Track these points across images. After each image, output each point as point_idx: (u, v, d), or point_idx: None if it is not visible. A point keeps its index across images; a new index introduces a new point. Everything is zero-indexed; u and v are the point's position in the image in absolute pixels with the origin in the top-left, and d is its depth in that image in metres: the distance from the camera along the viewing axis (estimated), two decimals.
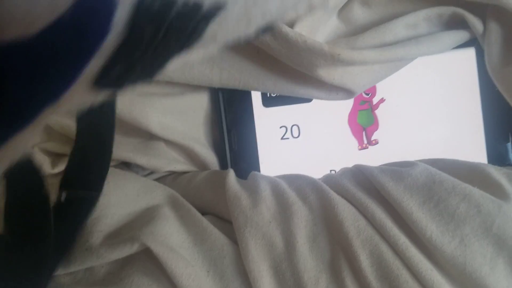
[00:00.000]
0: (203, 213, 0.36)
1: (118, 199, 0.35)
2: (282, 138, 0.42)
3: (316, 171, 0.39)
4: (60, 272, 0.32)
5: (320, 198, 0.34)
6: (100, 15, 0.18)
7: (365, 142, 0.41)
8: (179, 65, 0.24)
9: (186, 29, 0.22)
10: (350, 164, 0.39)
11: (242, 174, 0.39)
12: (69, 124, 0.38)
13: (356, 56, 0.36)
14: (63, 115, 0.39)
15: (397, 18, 0.39)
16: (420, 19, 0.38)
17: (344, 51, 0.36)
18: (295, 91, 0.39)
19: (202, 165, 0.42)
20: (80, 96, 0.21)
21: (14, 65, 0.17)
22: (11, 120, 0.19)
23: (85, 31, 0.18)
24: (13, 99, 0.18)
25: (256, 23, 0.25)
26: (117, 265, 0.33)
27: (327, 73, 0.37)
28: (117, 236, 0.33)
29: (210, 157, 0.41)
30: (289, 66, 0.37)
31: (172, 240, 0.33)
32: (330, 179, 0.36)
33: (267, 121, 0.42)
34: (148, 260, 0.33)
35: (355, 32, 0.41)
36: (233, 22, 0.24)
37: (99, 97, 0.22)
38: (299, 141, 0.42)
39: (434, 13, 0.38)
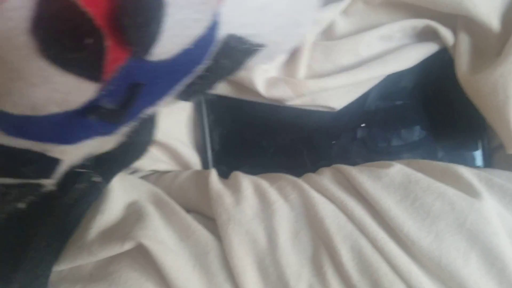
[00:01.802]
0: (187, 211, 0.37)
1: (108, 196, 0.35)
2: None
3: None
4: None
5: (301, 197, 0.35)
6: (204, 48, 0.26)
7: None
8: None
9: (242, 60, 0.31)
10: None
11: (223, 175, 0.39)
12: None
13: (321, 85, 0.39)
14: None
15: (372, 30, 0.40)
16: (394, 30, 0.40)
17: (309, 86, 0.39)
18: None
19: (185, 165, 0.42)
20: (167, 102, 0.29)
21: (149, 77, 0.24)
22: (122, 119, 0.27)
23: (194, 58, 0.26)
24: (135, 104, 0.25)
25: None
26: (105, 259, 0.33)
27: (300, 102, 0.40)
28: (109, 233, 0.34)
29: (192, 157, 0.42)
30: None
31: (160, 235, 0.34)
32: (310, 179, 0.37)
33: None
34: (137, 255, 0.33)
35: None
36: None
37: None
38: None
39: (408, 25, 0.40)
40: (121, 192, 0.37)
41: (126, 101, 0.25)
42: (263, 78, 0.39)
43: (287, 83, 0.38)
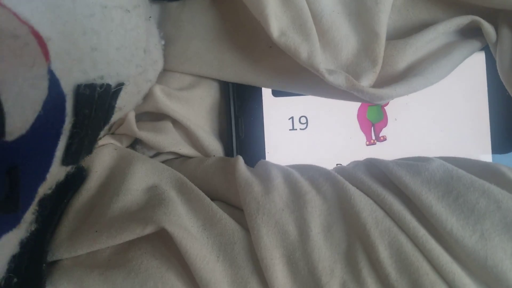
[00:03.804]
0: (211, 199, 0.34)
1: (126, 177, 0.33)
2: (289, 129, 0.41)
3: (322, 164, 0.38)
4: (64, 256, 0.30)
5: (334, 189, 0.33)
6: (58, 107, 0.25)
7: (373, 138, 0.41)
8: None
9: (105, 106, 0.30)
10: (357, 159, 0.38)
11: (247, 163, 0.37)
12: None
13: (380, 94, 0.37)
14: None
15: (417, 34, 0.38)
16: (440, 32, 0.38)
17: (368, 91, 0.36)
18: (310, 91, 0.39)
19: (205, 152, 0.40)
20: (55, 173, 0.28)
21: (20, 157, 0.23)
22: (19, 205, 0.24)
23: (52, 120, 0.25)
24: (22, 187, 0.24)
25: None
26: (124, 245, 0.31)
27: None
28: (129, 215, 0.31)
29: (213, 145, 0.40)
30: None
31: (183, 222, 0.31)
32: (343, 171, 0.35)
33: (275, 111, 0.41)
34: (158, 241, 0.31)
35: None
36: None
37: (66, 171, 0.30)
38: (306, 132, 0.41)
39: (453, 24, 0.38)
40: (141, 174, 0.35)
41: (12, 188, 0.23)
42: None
43: (347, 81, 0.36)
